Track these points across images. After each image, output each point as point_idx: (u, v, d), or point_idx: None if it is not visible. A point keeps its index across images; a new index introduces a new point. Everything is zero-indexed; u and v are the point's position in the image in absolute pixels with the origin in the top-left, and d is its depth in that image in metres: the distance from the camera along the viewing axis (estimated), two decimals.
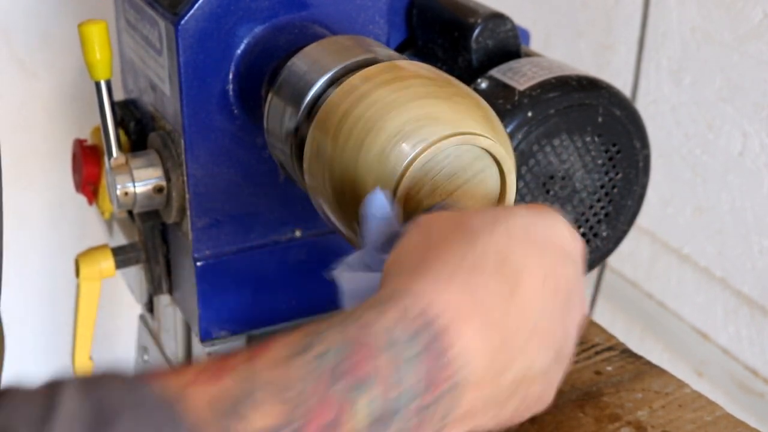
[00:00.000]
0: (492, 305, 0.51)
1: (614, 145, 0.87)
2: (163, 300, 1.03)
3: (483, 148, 0.67)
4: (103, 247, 0.99)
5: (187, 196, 0.86)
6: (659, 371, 0.83)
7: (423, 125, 0.65)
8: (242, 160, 0.86)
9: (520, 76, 0.86)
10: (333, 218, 0.70)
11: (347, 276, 0.62)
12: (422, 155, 0.64)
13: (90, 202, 1.03)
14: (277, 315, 0.94)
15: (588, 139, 0.86)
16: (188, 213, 0.86)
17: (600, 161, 0.87)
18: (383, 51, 0.76)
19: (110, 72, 0.88)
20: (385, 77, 0.69)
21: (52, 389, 0.44)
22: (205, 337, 0.92)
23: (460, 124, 0.66)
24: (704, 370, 1.27)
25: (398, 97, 0.67)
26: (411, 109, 0.66)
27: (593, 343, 0.87)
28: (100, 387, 0.44)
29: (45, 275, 1.45)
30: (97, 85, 0.88)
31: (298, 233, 0.91)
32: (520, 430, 0.76)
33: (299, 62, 0.77)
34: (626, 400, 0.79)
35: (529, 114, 0.83)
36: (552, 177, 0.86)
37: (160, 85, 0.87)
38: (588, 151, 0.86)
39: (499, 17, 0.88)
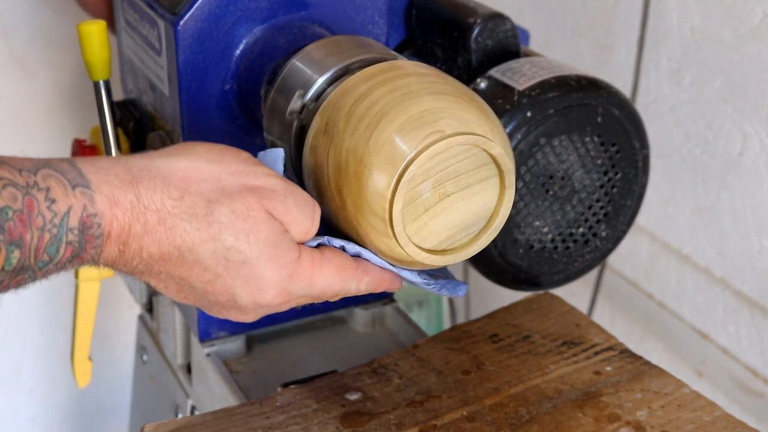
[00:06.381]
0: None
1: (613, 144, 0.87)
2: (162, 300, 1.04)
3: (482, 149, 0.67)
4: None
5: None
6: (658, 371, 0.83)
7: (423, 123, 0.65)
8: None
9: (519, 76, 0.86)
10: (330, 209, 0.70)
11: None
12: (431, 148, 0.65)
13: None
14: (276, 315, 0.94)
15: (587, 139, 0.86)
16: None
17: (599, 161, 0.87)
18: (383, 51, 0.76)
19: (109, 72, 0.88)
20: (384, 76, 0.69)
21: None
22: (204, 338, 0.92)
23: (459, 124, 0.66)
24: (704, 370, 1.27)
25: (397, 96, 0.67)
26: (409, 108, 0.66)
27: (593, 343, 0.87)
28: None
29: None
30: (96, 85, 0.88)
31: None
32: (520, 430, 0.76)
33: (299, 62, 0.77)
34: (625, 400, 0.79)
35: (529, 114, 0.83)
36: (551, 177, 0.86)
37: (160, 86, 0.87)
38: (587, 151, 0.86)
39: (498, 17, 0.88)
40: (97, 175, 0.60)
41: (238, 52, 0.83)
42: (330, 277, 0.69)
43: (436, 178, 0.67)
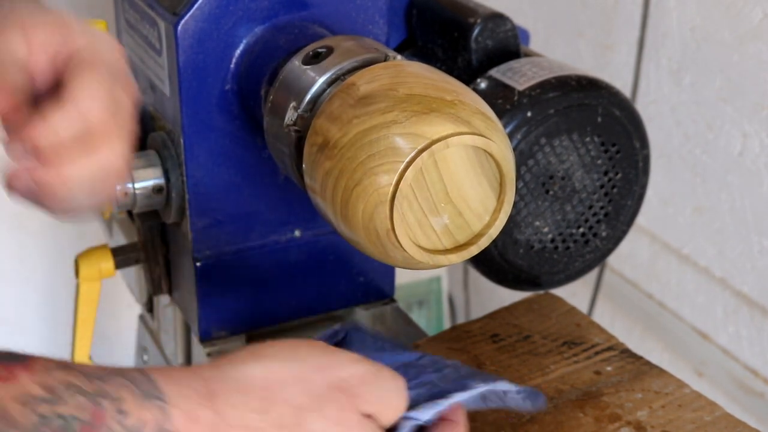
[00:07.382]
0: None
1: (614, 145, 0.87)
2: (163, 300, 1.04)
3: (483, 149, 0.67)
4: (103, 247, 0.99)
5: (186, 196, 0.86)
6: (659, 371, 0.83)
7: (423, 123, 0.65)
8: (242, 160, 0.86)
9: (519, 76, 0.86)
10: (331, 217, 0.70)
11: None
12: (431, 147, 0.65)
13: None
14: (277, 315, 0.94)
15: (588, 139, 0.86)
16: (188, 213, 0.86)
17: (599, 161, 0.87)
18: (383, 51, 0.76)
19: None
20: (385, 77, 0.69)
21: None
22: (205, 337, 0.92)
23: (461, 124, 0.66)
24: (704, 370, 1.27)
25: (397, 96, 0.67)
26: (410, 108, 0.66)
27: (593, 343, 0.87)
28: None
29: (45, 275, 1.45)
30: None
31: (298, 233, 0.91)
32: (521, 430, 0.76)
33: (299, 62, 0.77)
34: (626, 400, 0.79)
35: (529, 114, 0.83)
36: (552, 177, 0.86)
37: (160, 86, 0.87)
38: (588, 151, 0.86)
39: (498, 17, 0.88)
40: (172, 386, 0.56)
41: (238, 52, 0.83)
42: None
43: (437, 177, 0.67)
